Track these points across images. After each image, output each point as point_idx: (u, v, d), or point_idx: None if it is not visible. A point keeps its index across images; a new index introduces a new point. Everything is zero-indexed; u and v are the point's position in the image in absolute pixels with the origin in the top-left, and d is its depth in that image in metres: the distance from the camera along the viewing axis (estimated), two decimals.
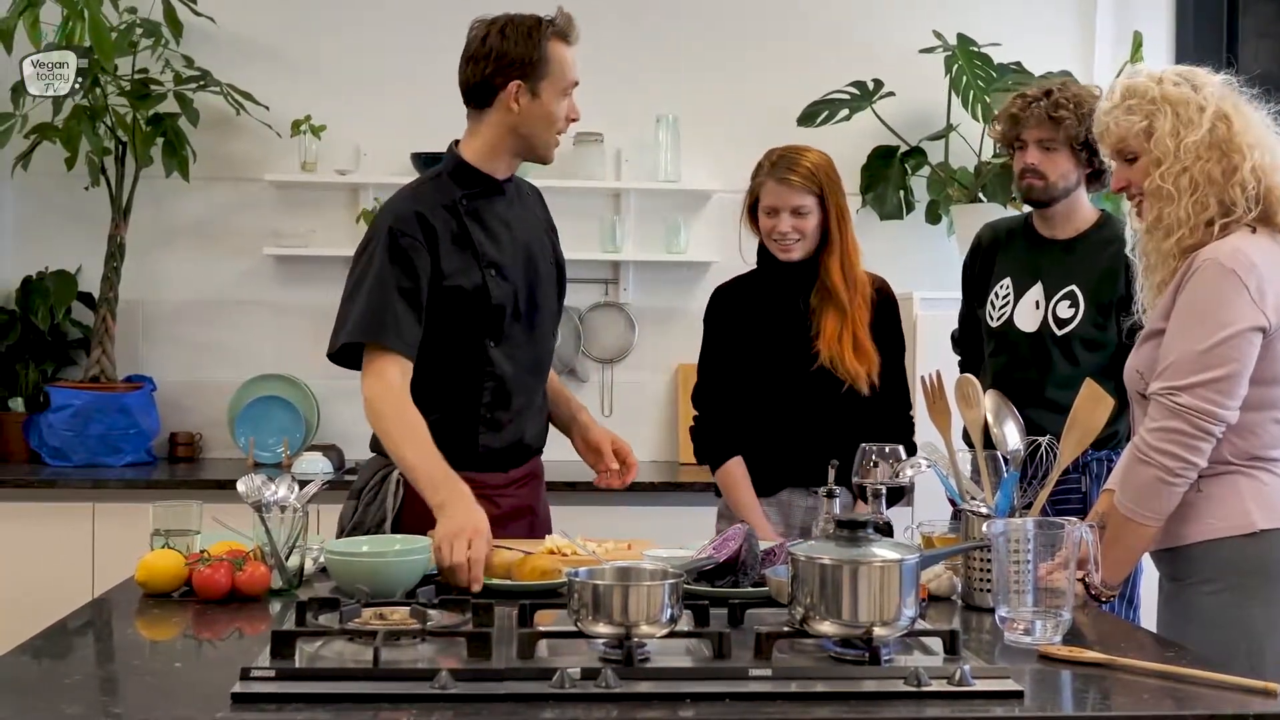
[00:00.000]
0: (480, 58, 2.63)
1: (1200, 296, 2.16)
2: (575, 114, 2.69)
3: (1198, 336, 2.14)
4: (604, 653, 1.72)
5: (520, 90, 2.60)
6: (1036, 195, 3.03)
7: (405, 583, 2.13)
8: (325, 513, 3.84)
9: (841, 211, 3.04)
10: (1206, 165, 2.20)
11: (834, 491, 2.48)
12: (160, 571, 2.15)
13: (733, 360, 3.07)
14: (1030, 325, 3.03)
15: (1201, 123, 2.21)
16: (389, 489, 2.63)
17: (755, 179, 3.06)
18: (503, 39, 2.60)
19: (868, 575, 1.74)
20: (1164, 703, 1.63)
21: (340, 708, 1.53)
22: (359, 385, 2.58)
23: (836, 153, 4.87)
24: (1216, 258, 2.16)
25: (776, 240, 3.01)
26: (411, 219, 2.58)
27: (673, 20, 4.75)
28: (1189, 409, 2.13)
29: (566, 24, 2.64)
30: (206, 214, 4.73)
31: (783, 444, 3.01)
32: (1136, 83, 2.28)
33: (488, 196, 2.68)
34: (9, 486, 4.06)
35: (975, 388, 2.37)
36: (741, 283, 3.16)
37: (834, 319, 2.99)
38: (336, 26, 4.76)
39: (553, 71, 2.60)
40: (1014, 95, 3.09)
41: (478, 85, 2.64)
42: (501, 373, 2.63)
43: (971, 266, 3.28)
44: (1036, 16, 4.91)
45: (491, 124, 2.66)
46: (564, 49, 2.63)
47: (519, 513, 2.73)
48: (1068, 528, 1.95)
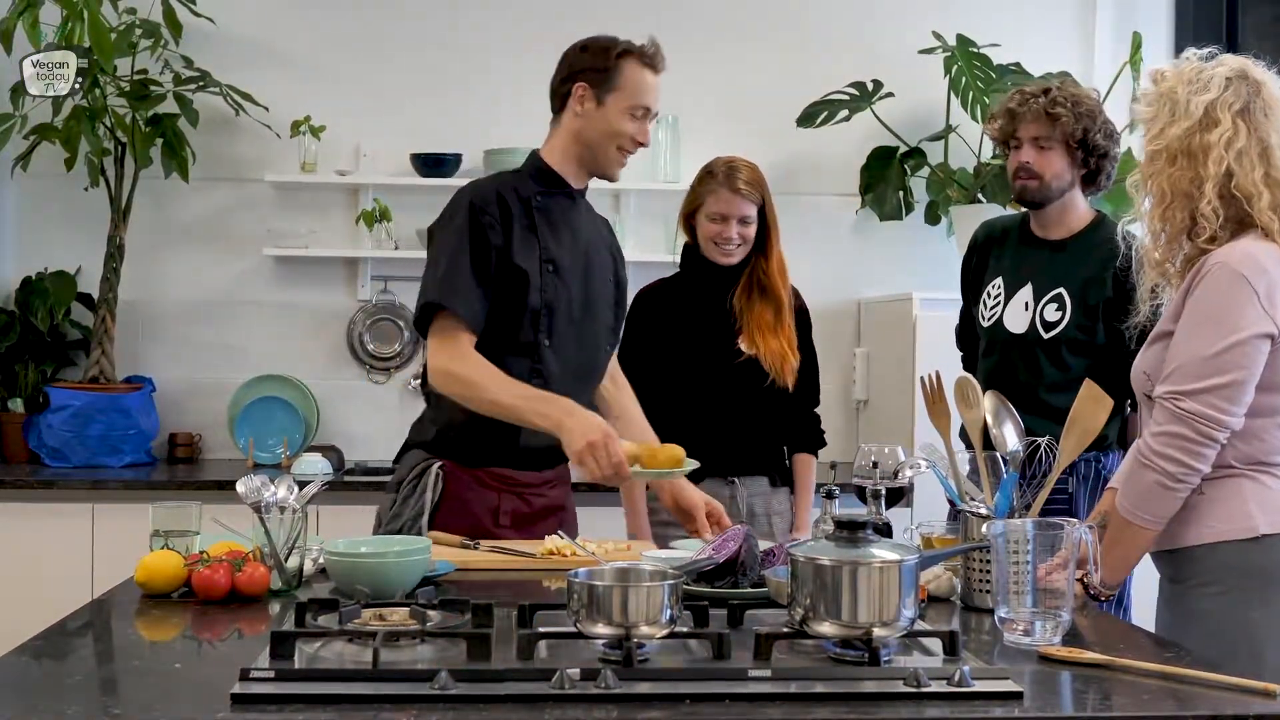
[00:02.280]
0: (561, 65, 2.77)
1: (1209, 301, 2.13)
2: (645, 139, 2.76)
3: (1205, 341, 2.12)
4: (603, 653, 1.72)
5: (585, 94, 2.70)
6: (1031, 195, 3.03)
7: (405, 583, 2.13)
8: (325, 513, 3.86)
9: (775, 220, 3.28)
10: (1176, 173, 2.18)
11: (833, 492, 2.50)
12: (160, 572, 2.15)
13: (654, 357, 3.25)
14: (1019, 327, 3.03)
15: (1176, 126, 2.18)
16: (428, 481, 2.70)
17: (702, 186, 3.24)
18: (582, 51, 2.75)
19: (867, 576, 1.74)
20: (1164, 703, 1.63)
21: (340, 708, 1.53)
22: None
23: (836, 153, 4.90)
24: (1227, 261, 2.13)
25: (719, 245, 3.22)
26: (492, 197, 2.69)
27: (673, 20, 4.75)
28: (1194, 415, 2.11)
29: (650, 49, 2.74)
30: (206, 214, 4.73)
31: (704, 436, 3.10)
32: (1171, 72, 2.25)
33: (559, 199, 2.78)
34: (9, 487, 4.06)
35: (974, 388, 2.37)
36: (667, 284, 3.38)
37: (769, 316, 3.24)
38: (336, 26, 4.76)
39: (622, 87, 2.70)
40: (1012, 91, 3.09)
41: (554, 90, 2.77)
42: (549, 372, 2.70)
43: (968, 264, 3.28)
44: (1036, 17, 4.91)
45: (562, 129, 2.76)
46: (642, 72, 2.72)
47: (549, 511, 2.80)
48: (1067, 528, 1.94)
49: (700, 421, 3.19)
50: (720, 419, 3.23)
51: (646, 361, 3.24)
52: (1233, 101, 2.18)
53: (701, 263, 3.28)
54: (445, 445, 2.74)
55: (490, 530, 2.68)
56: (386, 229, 4.64)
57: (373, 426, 4.71)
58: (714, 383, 3.24)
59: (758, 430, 3.28)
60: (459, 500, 2.69)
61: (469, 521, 2.67)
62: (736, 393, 3.24)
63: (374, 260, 4.74)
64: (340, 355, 4.75)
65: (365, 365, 4.73)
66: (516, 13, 4.80)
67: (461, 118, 4.77)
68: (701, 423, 3.19)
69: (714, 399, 3.24)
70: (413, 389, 4.68)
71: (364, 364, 4.73)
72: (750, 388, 3.24)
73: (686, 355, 3.25)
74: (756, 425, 3.28)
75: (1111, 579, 2.21)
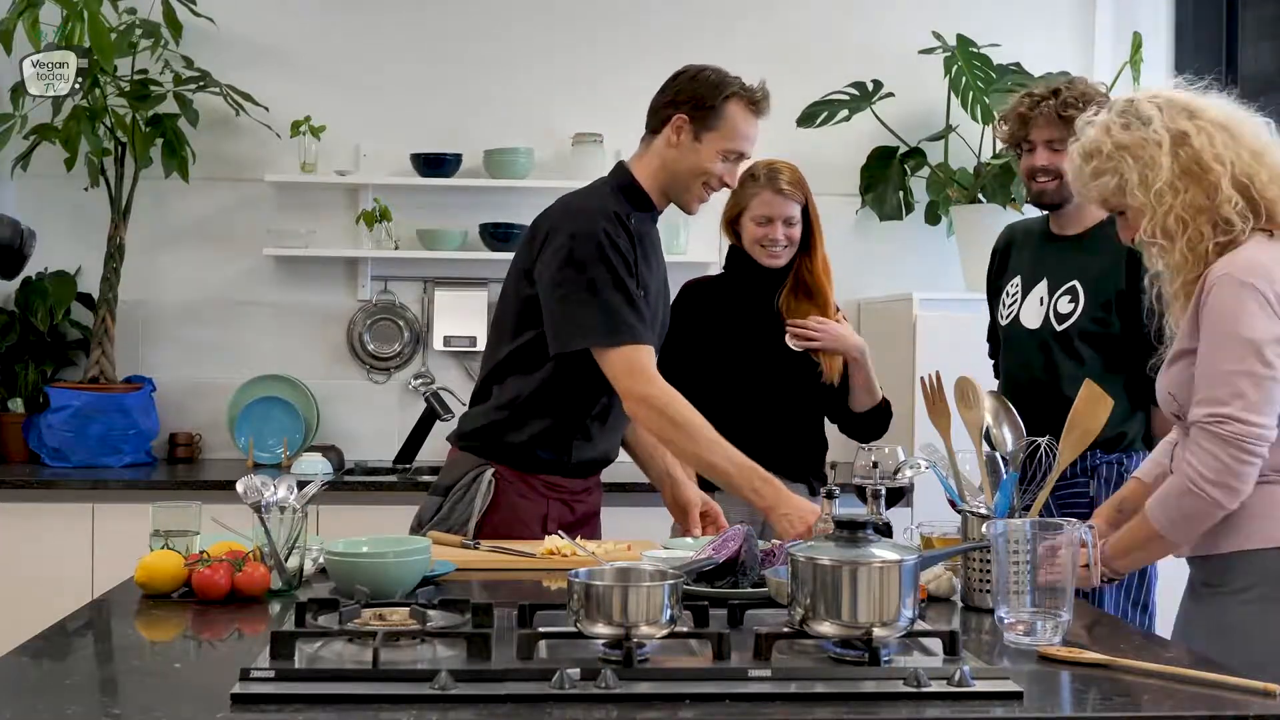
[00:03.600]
0: (668, 88, 2.73)
1: (1221, 314, 2.11)
2: (732, 182, 2.75)
3: (1227, 356, 2.10)
4: (603, 653, 1.72)
5: (684, 126, 2.67)
6: (1050, 198, 3.00)
7: (405, 583, 2.13)
8: (325, 513, 3.86)
9: (818, 219, 3.26)
10: (1187, 197, 2.15)
11: (834, 492, 2.49)
12: (160, 572, 2.15)
13: (699, 354, 3.22)
14: (1034, 322, 3.02)
15: (1162, 159, 2.15)
16: (480, 489, 2.71)
17: (744, 190, 3.19)
18: (692, 80, 2.70)
19: (867, 576, 1.74)
20: (1164, 703, 1.63)
21: (340, 708, 1.53)
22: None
23: (836, 153, 4.89)
24: (1231, 272, 2.11)
25: (766, 247, 3.20)
26: (614, 220, 2.65)
27: (672, 20, 4.76)
28: (1236, 436, 2.08)
29: (759, 94, 2.70)
30: (206, 214, 4.73)
31: (745, 436, 3.06)
32: (1089, 142, 2.23)
33: (647, 219, 2.77)
34: (9, 487, 4.06)
35: (975, 388, 2.37)
36: (714, 282, 3.37)
37: (816, 313, 3.22)
38: (336, 26, 4.76)
39: (722, 127, 2.67)
40: (1020, 94, 3.06)
41: (654, 109, 2.73)
42: (615, 389, 2.68)
43: (991, 269, 3.26)
44: (1036, 17, 4.91)
45: (654, 150, 2.73)
46: (746, 116, 2.69)
47: (588, 517, 2.86)
48: (1066, 528, 1.94)
49: (742, 421, 3.11)
50: (762, 420, 3.18)
51: (690, 358, 3.20)
52: (1174, 114, 2.18)
53: (748, 265, 3.25)
54: (501, 450, 2.74)
55: (538, 537, 2.68)
56: (386, 229, 4.64)
57: (373, 426, 4.71)
58: (759, 384, 3.21)
59: (799, 436, 3.25)
60: (509, 507, 2.71)
61: (518, 528, 2.69)
62: (780, 395, 3.22)
63: (374, 260, 4.74)
64: (340, 355, 4.75)
65: (365, 365, 4.73)
66: (517, 13, 4.80)
67: (461, 118, 4.77)
68: (743, 422, 3.11)
69: (757, 400, 3.20)
70: (413, 389, 4.68)
71: (364, 364, 4.73)
72: (794, 390, 3.23)
73: (731, 357, 3.23)
74: (798, 430, 3.25)
75: (1125, 570, 2.22)
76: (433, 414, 4.50)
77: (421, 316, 4.78)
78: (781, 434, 3.20)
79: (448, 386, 4.66)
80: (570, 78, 4.78)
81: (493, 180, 4.64)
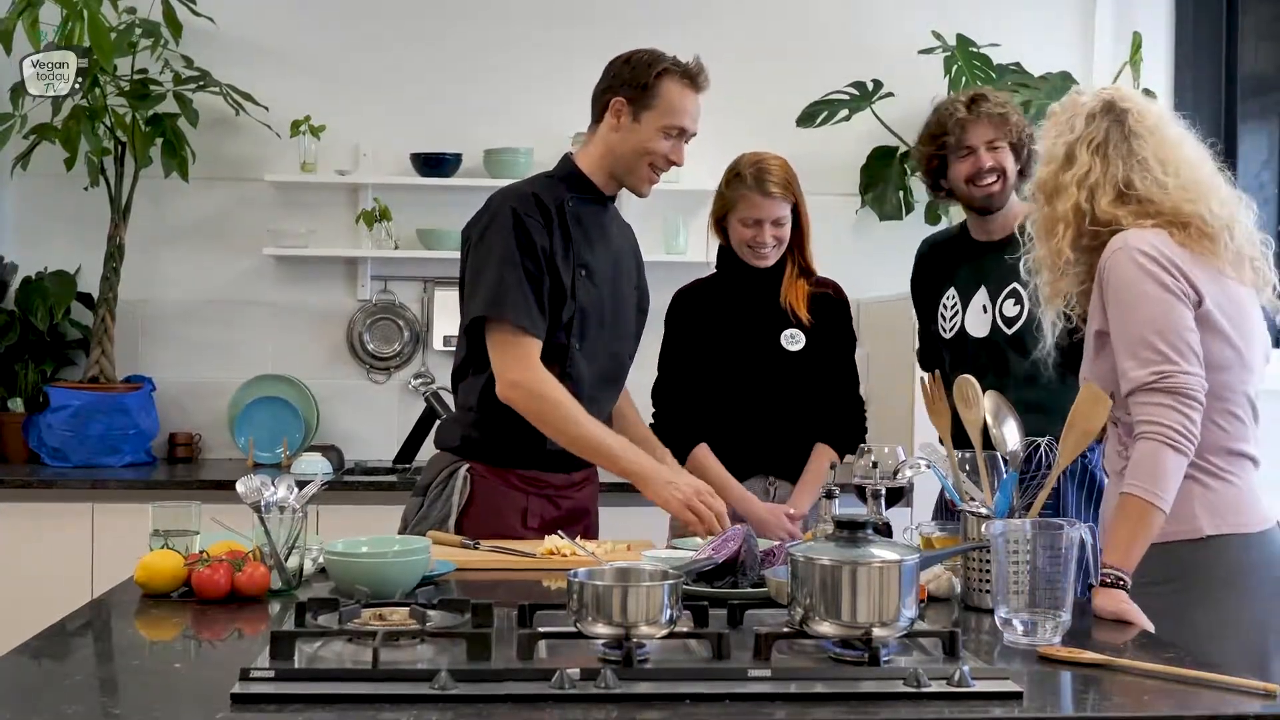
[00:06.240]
0: (604, 75, 2.78)
1: (1124, 284, 2.24)
2: (678, 159, 2.77)
3: (1141, 319, 2.21)
4: (603, 653, 1.72)
5: (622, 108, 2.71)
6: (997, 201, 3.02)
7: (404, 583, 2.13)
8: (325, 513, 3.86)
9: (806, 215, 3.20)
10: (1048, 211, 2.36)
11: (833, 492, 2.49)
12: (160, 572, 2.15)
13: (697, 357, 3.19)
14: (981, 330, 3.02)
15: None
16: (455, 485, 2.72)
17: (731, 189, 3.14)
18: (626, 63, 2.74)
19: (867, 576, 1.74)
20: (1164, 703, 1.63)
21: (340, 708, 1.53)
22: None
23: (836, 153, 4.89)
24: (1126, 243, 2.25)
25: (754, 249, 3.14)
26: (530, 200, 2.70)
27: (672, 20, 4.75)
28: (1182, 386, 2.18)
29: (693, 69, 2.73)
30: (206, 214, 4.73)
31: (746, 434, 3.13)
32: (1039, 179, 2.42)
33: (591, 204, 2.79)
34: (8, 486, 4.06)
35: (974, 388, 2.37)
36: (704, 284, 3.31)
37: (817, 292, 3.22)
38: (336, 26, 4.76)
39: (658, 105, 2.70)
40: (941, 106, 3.08)
41: (595, 98, 2.78)
42: (578, 376, 2.72)
43: (917, 284, 3.27)
44: (1036, 17, 4.91)
45: (598, 138, 2.77)
46: (682, 91, 2.72)
47: (576, 515, 2.82)
48: (1066, 529, 1.94)
49: (743, 419, 3.15)
50: (763, 416, 3.16)
51: (688, 362, 3.20)
52: (1093, 136, 2.33)
53: (738, 264, 3.22)
54: (473, 448, 2.75)
55: (519, 533, 2.69)
56: (386, 229, 4.64)
57: (372, 426, 4.71)
58: (758, 381, 3.17)
59: (799, 432, 3.20)
60: (487, 502, 2.71)
61: (497, 524, 2.68)
62: (780, 391, 3.17)
63: (374, 260, 4.74)
64: (340, 355, 4.75)
65: (365, 365, 4.73)
66: (517, 13, 4.80)
67: (461, 118, 4.77)
68: (744, 420, 3.14)
69: (758, 397, 3.17)
70: (413, 389, 4.68)
71: (364, 364, 4.73)
72: (794, 385, 3.17)
73: (730, 354, 3.18)
74: (798, 426, 3.19)
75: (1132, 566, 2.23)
76: (432, 414, 4.50)
77: (421, 316, 4.78)
78: (780, 428, 3.18)
79: (447, 386, 4.65)
80: (570, 78, 4.76)
81: (493, 180, 4.62)
